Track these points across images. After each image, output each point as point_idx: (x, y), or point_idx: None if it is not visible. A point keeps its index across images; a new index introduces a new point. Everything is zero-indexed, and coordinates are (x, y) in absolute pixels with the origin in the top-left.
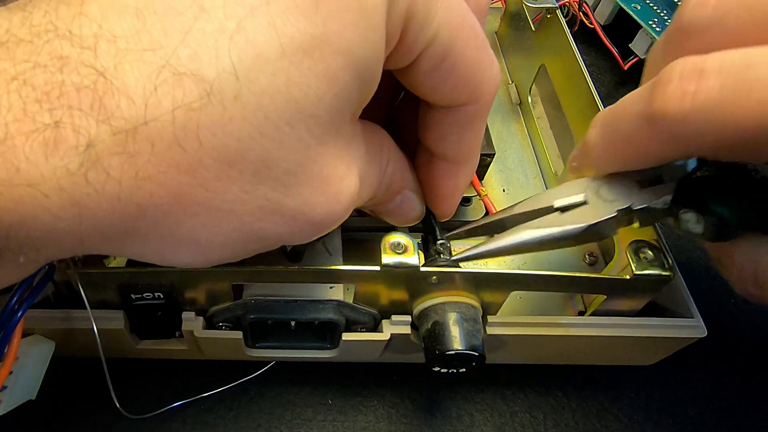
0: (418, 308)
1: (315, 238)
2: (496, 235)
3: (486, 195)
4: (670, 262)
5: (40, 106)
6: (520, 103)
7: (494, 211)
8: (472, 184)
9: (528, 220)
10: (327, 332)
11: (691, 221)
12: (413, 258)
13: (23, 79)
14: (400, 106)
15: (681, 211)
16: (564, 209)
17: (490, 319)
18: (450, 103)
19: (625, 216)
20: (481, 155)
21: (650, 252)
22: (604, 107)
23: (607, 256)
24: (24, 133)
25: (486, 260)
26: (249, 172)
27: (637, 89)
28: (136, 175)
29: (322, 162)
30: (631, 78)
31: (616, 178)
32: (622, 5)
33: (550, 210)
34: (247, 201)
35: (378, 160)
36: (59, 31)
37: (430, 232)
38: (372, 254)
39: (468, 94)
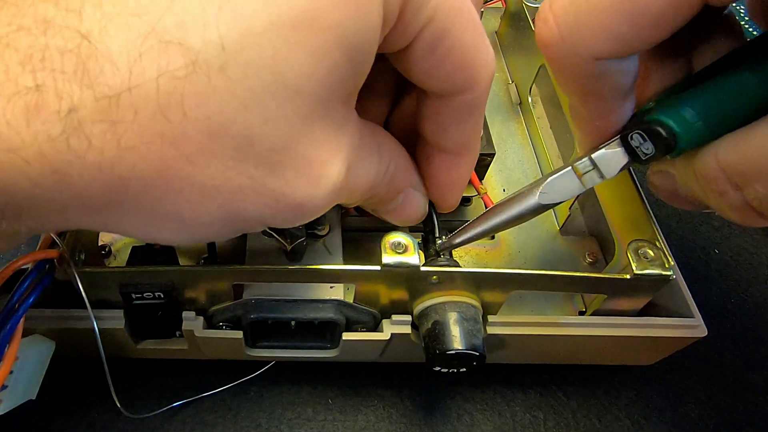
0: (418, 308)
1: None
2: (476, 220)
3: (485, 193)
4: (670, 262)
5: (22, 69)
6: (520, 103)
7: None
8: (471, 182)
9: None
10: (327, 332)
11: (642, 144)
12: (413, 258)
13: (6, 41)
14: (400, 105)
15: (629, 137)
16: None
17: (491, 318)
18: (446, 89)
19: (589, 170)
20: (481, 155)
21: (650, 252)
22: None
23: (608, 255)
24: (5, 96)
25: (486, 260)
26: (231, 147)
27: None
28: (118, 145)
29: (306, 142)
30: None
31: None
32: None
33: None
34: (229, 177)
35: (377, 157)
36: None
37: (431, 230)
38: (372, 254)
39: (464, 79)
